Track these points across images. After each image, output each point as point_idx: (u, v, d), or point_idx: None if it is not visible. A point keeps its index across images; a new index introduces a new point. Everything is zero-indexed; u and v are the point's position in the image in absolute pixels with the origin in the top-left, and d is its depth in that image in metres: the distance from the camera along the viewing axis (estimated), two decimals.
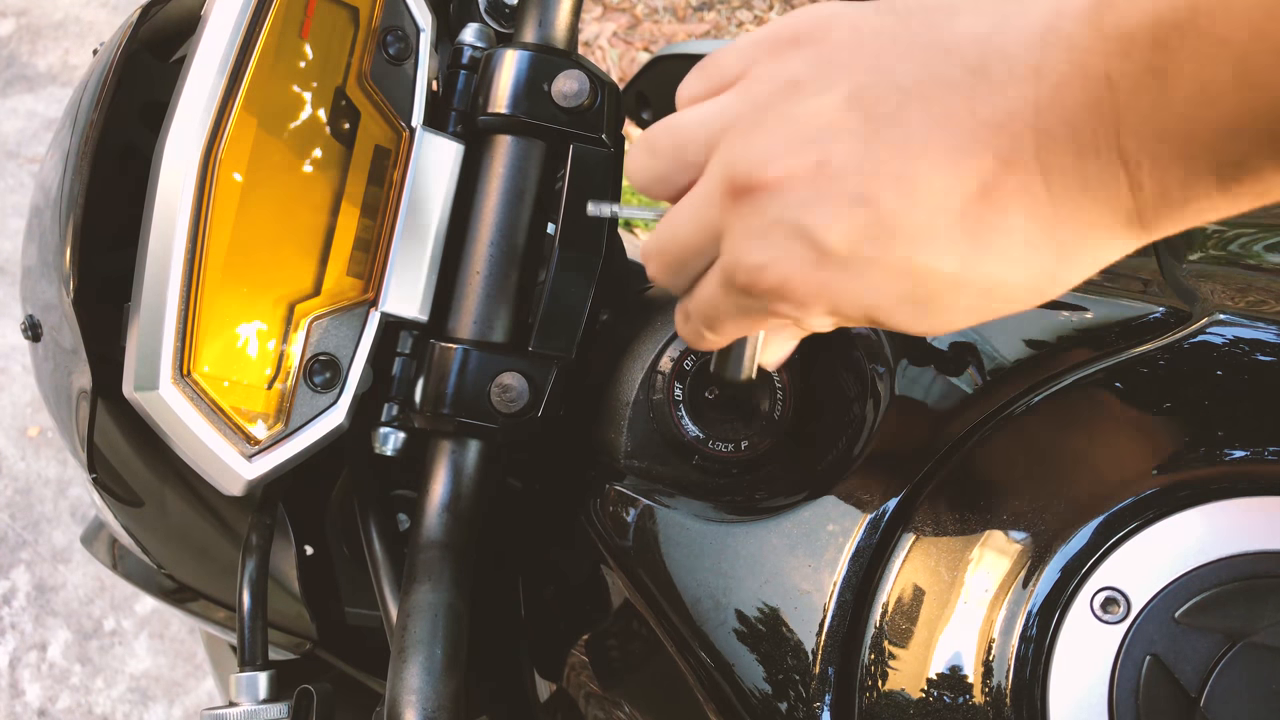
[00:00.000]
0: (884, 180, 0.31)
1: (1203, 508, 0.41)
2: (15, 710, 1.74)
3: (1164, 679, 0.38)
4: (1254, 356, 0.47)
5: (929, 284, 0.33)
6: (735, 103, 0.35)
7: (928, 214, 0.31)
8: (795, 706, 0.44)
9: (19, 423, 2.12)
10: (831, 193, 0.32)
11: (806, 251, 0.33)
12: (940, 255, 0.32)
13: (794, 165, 0.32)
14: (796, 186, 0.32)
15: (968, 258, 0.32)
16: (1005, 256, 0.32)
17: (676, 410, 0.52)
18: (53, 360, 0.62)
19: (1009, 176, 0.30)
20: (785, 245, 0.33)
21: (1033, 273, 0.32)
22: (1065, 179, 0.30)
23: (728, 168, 0.34)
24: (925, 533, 0.44)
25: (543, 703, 0.63)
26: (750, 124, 0.34)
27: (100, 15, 3.10)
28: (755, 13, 2.98)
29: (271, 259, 0.49)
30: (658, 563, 0.49)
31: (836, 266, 0.33)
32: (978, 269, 0.32)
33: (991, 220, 0.31)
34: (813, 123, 0.32)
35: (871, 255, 0.32)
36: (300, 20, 0.49)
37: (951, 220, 0.31)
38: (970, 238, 0.31)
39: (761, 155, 0.33)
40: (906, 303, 0.33)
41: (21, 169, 2.63)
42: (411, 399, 0.53)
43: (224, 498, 0.52)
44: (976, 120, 0.30)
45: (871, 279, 0.33)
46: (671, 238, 0.38)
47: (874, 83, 0.32)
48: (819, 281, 0.33)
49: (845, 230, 0.32)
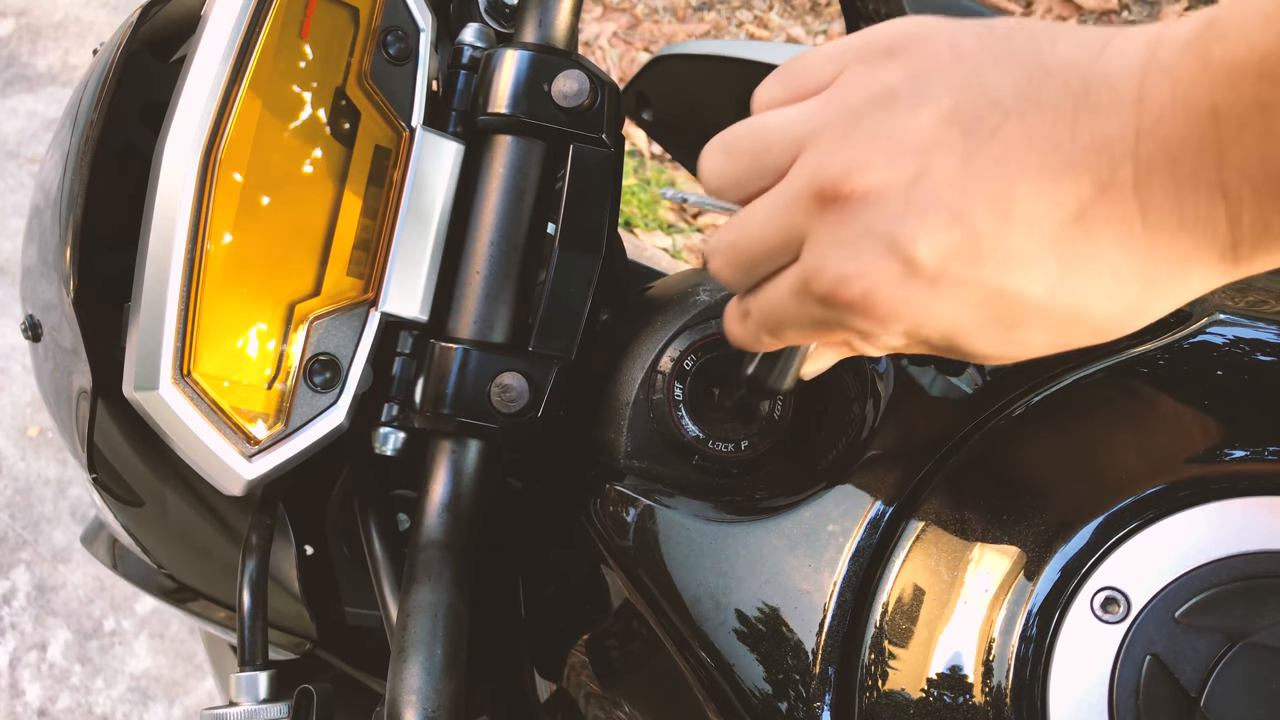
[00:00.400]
0: (981, 199, 0.31)
1: (1203, 508, 0.41)
2: (15, 710, 1.74)
3: (1164, 679, 0.38)
4: (1254, 356, 0.47)
5: (1015, 308, 0.32)
6: (826, 108, 0.34)
7: (1022, 236, 0.31)
8: (795, 706, 0.44)
9: (19, 423, 2.12)
10: (926, 207, 0.31)
11: (895, 266, 0.32)
12: (1030, 279, 0.31)
13: (889, 176, 0.32)
14: (890, 198, 0.32)
15: (1057, 283, 0.31)
16: (1094, 285, 0.31)
17: (676, 410, 0.52)
18: (53, 360, 0.62)
19: (1105, 204, 0.30)
20: (873, 258, 0.32)
21: (1119, 303, 0.32)
22: (1162, 210, 0.29)
23: (817, 173, 0.33)
24: (925, 533, 0.44)
25: (543, 703, 0.63)
26: (843, 130, 0.33)
27: (100, 15, 3.10)
28: (755, 12, 2.98)
29: (271, 259, 0.49)
30: (658, 563, 0.49)
31: (924, 283, 0.32)
32: (1065, 296, 0.31)
33: (1084, 247, 0.31)
34: (910, 135, 0.32)
35: (961, 274, 0.32)
36: (300, 20, 0.49)
37: (1045, 244, 0.31)
38: (1062, 263, 0.31)
39: (855, 163, 0.33)
40: (989, 326, 0.33)
41: (21, 169, 2.63)
42: (411, 399, 0.53)
43: (224, 498, 0.52)
44: (1076, 145, 0.30)
45: (958, 299, 0.32)
46: (746, 236, 0.37)
47: (974, 99, 0.31)
48: (904, 298, 0.33)
49: (937, 247, 0.31)
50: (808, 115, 0.35)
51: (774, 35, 2.93)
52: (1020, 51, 0.31)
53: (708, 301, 0.53)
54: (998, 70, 0.31)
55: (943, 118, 0.32)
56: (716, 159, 0.38)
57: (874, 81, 0.33)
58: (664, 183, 2.57)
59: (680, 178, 2.57)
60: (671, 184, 2.57)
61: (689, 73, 0.84)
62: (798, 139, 0.35)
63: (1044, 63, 0.31)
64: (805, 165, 0.34)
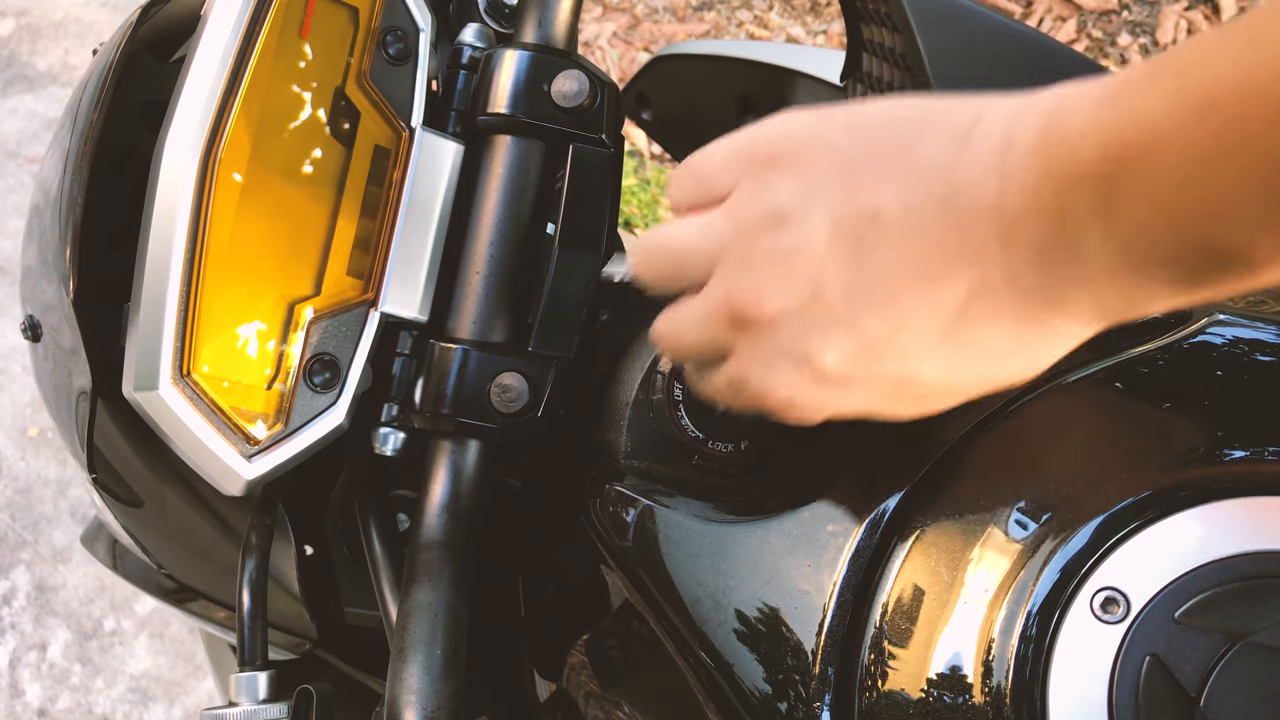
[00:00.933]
0: (870, 310, 0.34)
1: (1203, 508, 0.41)
2: (15, 710, 1.74)
3: (1164, 679, 0.38)
4: (1254, 356, 0.47)
5: (917, 390, 0.36)
6: (724, 228, 0.38)
7: (911, 335, 0.34)
8: (795, 706, 0.44)
9: (19, 423, 2.12)
10: (824, 322, 0.35)
11: (806, 374, 0.36)
12: (926, 368, 0.35)
13: (788, 301, 0.36)
14: (792, 319, 0.36)
15: (950, 367, 0.35)
16: (984, 363, 0.35)
17: (676, 410, 0.52)
18: (53, 360, 0.62)
19: (982, 299, 0.33)
20: (788, 371, 0.37)
21: (1010, 369, 0.35)
22: (1033, 298, 0.32)
23: (727, 297, 0.37)
24: (925, 533, 0.44)
25: (543, 703, 0.63)
26: (742, 256, 0.37)
27: (100, 15, 3.11)
28: (755, 12, 2.98)
29: (271, 259, 0.49)
30: (658, 563, 0.49)
31: (834, 384, 0.36)
32: (961, 375, 0.35)
33: (970, 335, 0.34)
34: (801, 258, 0.35)
35: (864, 373, 0.36)
36: (300, 20, 0.49)
37: (933, 338, 0.34)
38: (952, 351, 0.34)
39: (757, 293, 0.36)
40: (900, 404, 0.37)
41: (21, 169, 2.63)
42: (411, 399, 0.53)
43: (224, 498, 0.52)
44: (947, 252, 0.32)
45: (866, 391, 0.37)
46: (679, 336, 0.41)
47: (853, 214, 0.34)
48: (820, 396, 0.37)
49: (839, 355, 0.35)
50: (710, 234, 0.39)
51: (774, 35, 2.93)
52: (890, 157, 0.34)
53: None
54: (871, 179, 0.34)
55: (828, 237, 0.34)
56: (642, 266, 0.42)
57: (762, 200, 0.36)
58: (664, 183, 2.57)
59: None
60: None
61: (689, 73, 0.84)
62: (707, 257, 0.39)
63: (910, 170, 0.33)
64: (717, 288, 0.38)
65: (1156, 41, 2.61)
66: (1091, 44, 2.64)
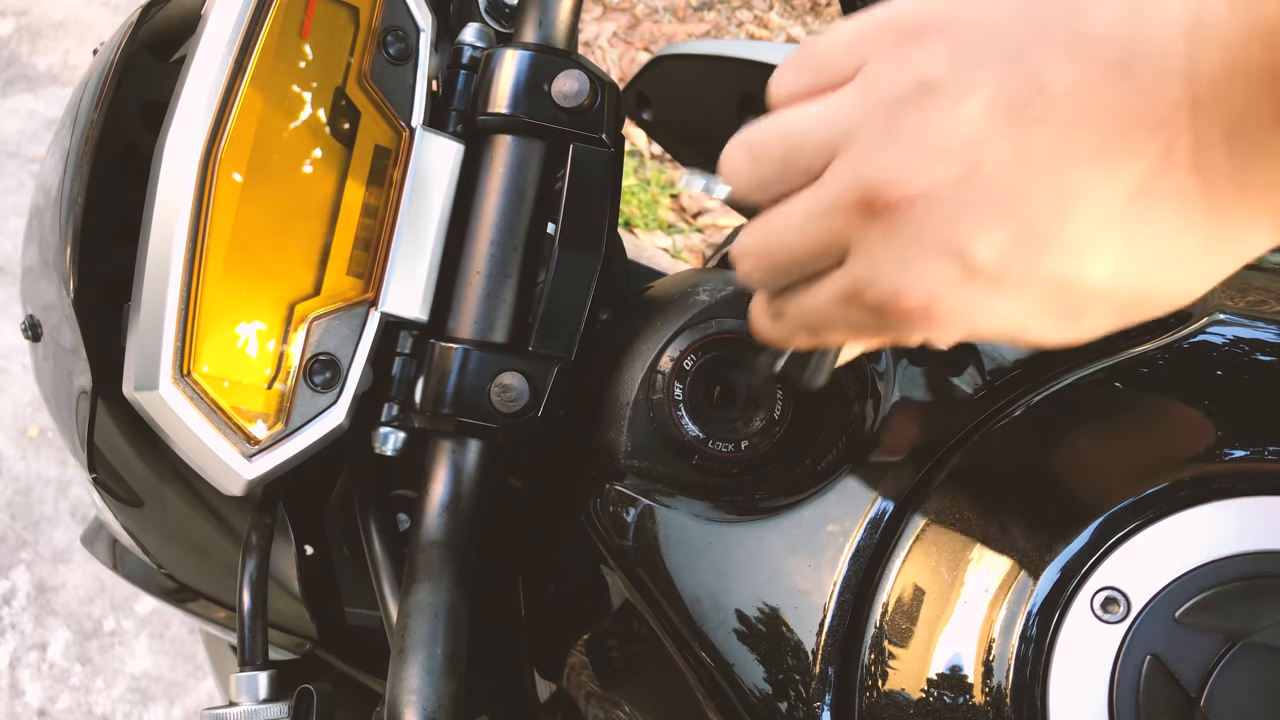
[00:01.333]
0: (1036, 190, 0.30)
1: (1203, 508, 0.41)
2: (15, 710, 1.74)
3: (1164, 679, 0.38)
4: (1254, 356, 0.47)
5: (1079, 297, 0.31)
6: (857, 104, 0.32)
7: (1081, 222, 0.30)
8: (795, 706, 0.44)
9: (19, 423, 2.12)
10: (980, 205, 0.30)
11: (954, 270, 0.31)
12: (1094, 266, 0.30)
13: (937, 177, 0.30)
14: (941, 200, 0.31)
15: (1121, 266, 0.30)
16: (1159, 261, 0.30)
17: (676, 410, 0.52)
18: (53, 360, 0.62)
19: (1164, 179, 0.29)
20: (929, 265, 0.31)
21: (1184, 275, 0.31)
22: (1223, 178, 0.28)
23: (858, 180, 0.32)
24: (925, 533, 0.44)
25: (543, 703, 0.63)
26: (881, 130, 0.32)
27: (100, 15, 3.11)
28: (755, 12, 2.98)
29: (271, 259, 0.49)
30: (658, 563, 0.49)
31: (985, 284, 0.31)
32: (1130, 277, 0.30)
33: (1146, 225, 0.29)
34: (955, 131, 0.30)
35: (1023, 269, 0.31)
36: (300, 20, 0.49)
37: (1105, 227, 0.30)
38: (1125, 244, 0.30)
39: (899, 167, 0.31)
40: (1053, 318, 0.32)
41: (21, 169, 2.63)
42: (411, 399, 0.53)
43: (224, 498, 0.52)
44: (1127, 121, 0.28)
45: (1021, 296, 0.31)
46: (780, 242, 0.35)
47: (1016, 85, 0.30)
48: (966, 302, 0.32)
49: (996, 245, 0.30)
50: (839, 113, 0.33)
51: (774, 35, 2.93)
52: (1056, 21, 0.29)
53: (708, 301, 0.53)
54: (1037, 47, 0.30)
55: (987, 109, 0.30)
56: (741, 162, 0.36)
57: (906, 72, 0.31)
58: (664, 183, 2.57)
59: (680, 177, 2.57)
60: (671, 184, 2.57)
61: (689, 73, 0.84)
62: (830, 141, 0.33)
63: (1081, 32, 0.29)
64: (844, 170, 0.33)
65: None
66: None
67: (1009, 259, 0.30)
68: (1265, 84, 0.26)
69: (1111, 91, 0.28)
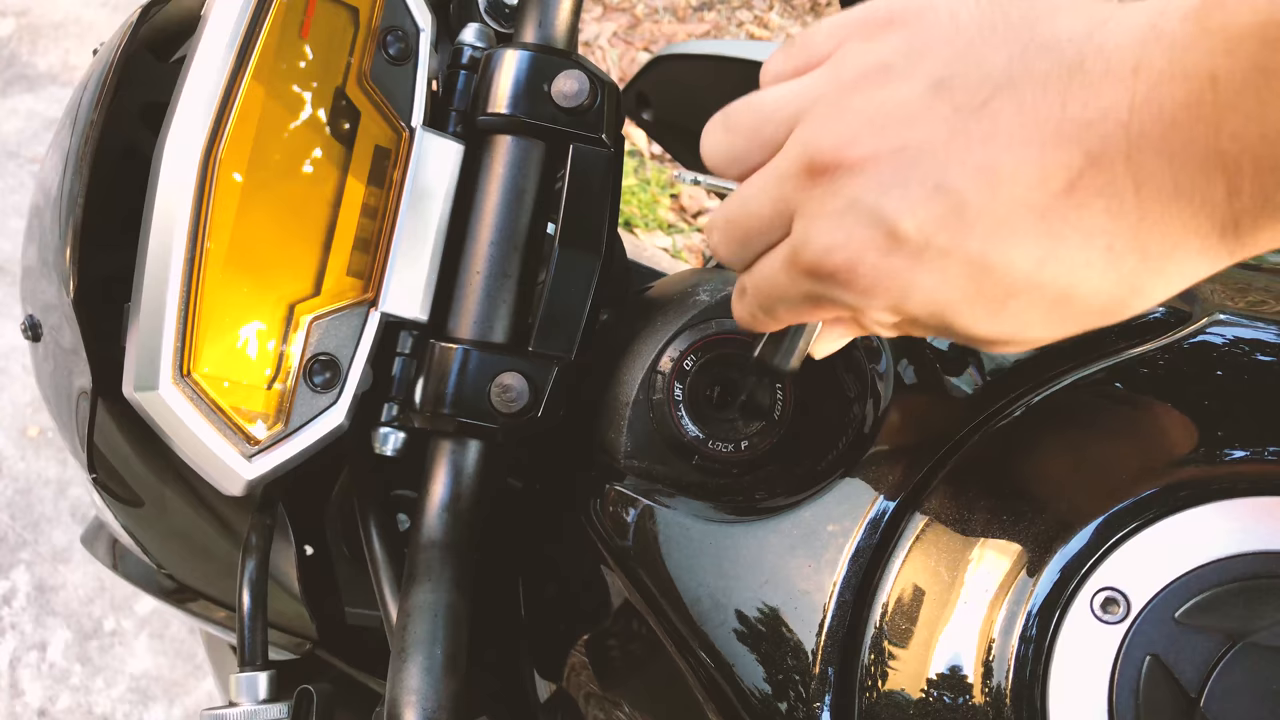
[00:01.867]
0: (966, 169, 0.31)
1: (1203, 508, 0.41)
2: (15, 710, 1.74)
3: (1164, 679, 0.38)
4: (1254, 356, 0.47)
5: (1002, 282, 0.32)
6: (820, 82, 0.35)
7: (1008, 206, 0.30)
8: (795, 706, 0.44)
9: (19, 423, 2.12)
10: (911, 178, 0.31)
11: (879, 236, 0.32)
12: (1018, 251, 0.31)
13: (876, 147, 0.32)
14: (876, 169, 0.32)
15: (1046, 256, 0.31)
16: (1085, 258, 0.31)
17: (676, 410, 0.52)
18: (53, 360, 0.62)
19: (1096, 175, 0.29)
20: (857, 228, 0.32)
21: (1112, 280, 0.31)
22: (1156, 181, 0.29)
23: (807, 145, 0.34)
24: (925, 533, 0.44)
25: (543, 703, 0.63)
26: (834, 103, 0.33)
27: (100, 15, 3.11)
28: (755, 12, 2.98)
29: (271, 259, 0.49)
30: (658, 563, 0.49)
31: (908, 255, 0.32)
32: (1055, 269, 0.31)
33: (1074, 218, 0.30)
34: (899, 107, 0.32)
35: (946, 245, 0.31)
36: (300, 20, 0.49)
37: (1032, 215, 0.30)
38: (1051, 235, 0.30)
39: (843, 135, 0.33)
40: (977, 302, 0.32)
41: (21, 169, 2.63)
42: (411, 399, 0.53)
43: (224, 498, 0.52)
44: (1067, 116, 0.29)
45: (943, 271, 0.32)
46: (741, 211, 0.37)
47: (964, 72, 0.31)
48: (888, 269, 0.32)
49: (922, 217, 0.31)
50: (805, 88, 0.35)
51: (774, 35, 2.93)
52: (1017, 24, 0.31)
53: (708, 301, 0.53)
54: (993, 43, 0.31)
55: (932, 90, 0.31)
56: (716, 134, 0.38)
57: (869, 55, 0.33)
58: (664, 183, 2.57)
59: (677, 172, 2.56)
60: (671, 184, 2.57)
61: (689, 73, 0.84)
62: (793, 114, 0.35)
63: (1040, 36, 0.30)
64: (798, 138, 0.34)
65: None
66: None
67: (932, 233, 0.31)
68: (1204, 86, 0.27)
69: (1055, 86, 0.29)
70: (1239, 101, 0.27)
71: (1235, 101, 0.27)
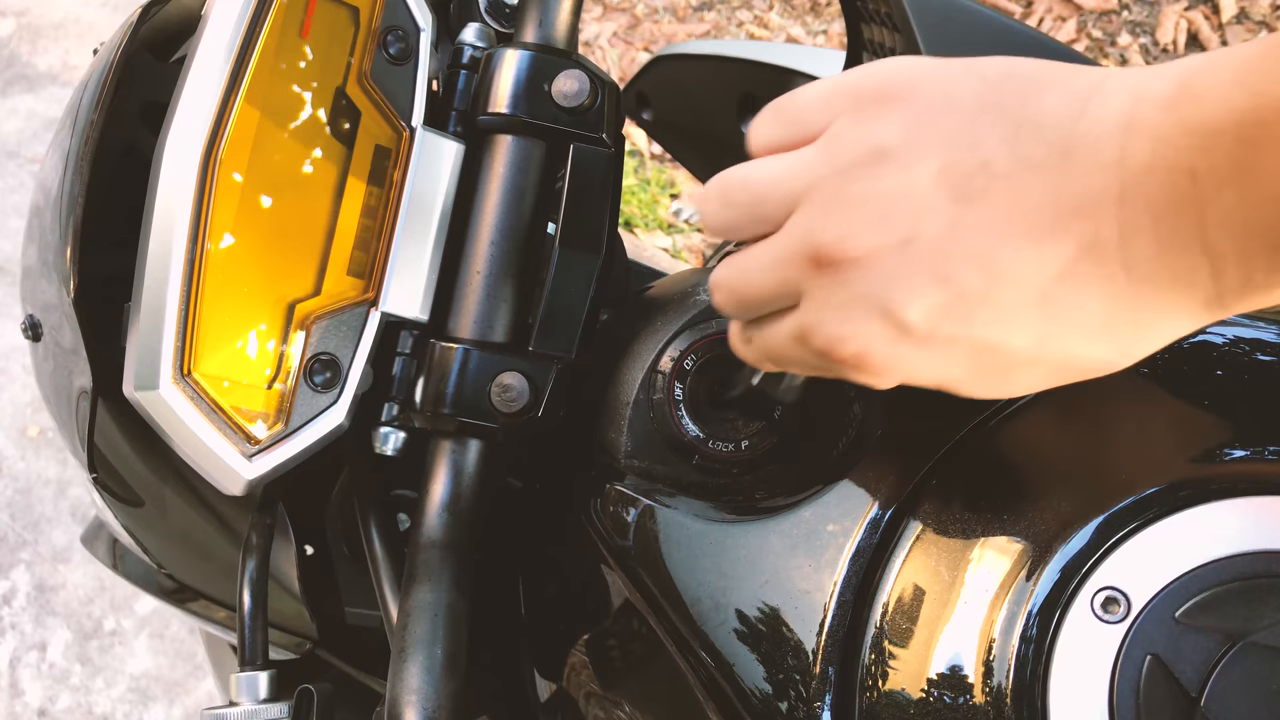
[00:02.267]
0: (968, 261, 0.32)
1: (1203, 508, 0.41)
2: (15, 710, 1.74)
3: (1164, 679, 0.38)
4: (1254, 356, 0.47)
5: (1004, 361, 0.33)
6: (817, 164, 0.35)
7: (1008, 295, 0.32)
8: (795, 706, 0.44)
9: (19, 423, 2.12)
10: (915, 271, 0.32)
11: (887, 328, 0.34)
12: (1018, 334, 0.32)
13: (879, 242, 0.33)
14: (881, 263, 0.33)
15: (1045, 337, 0.32)
16: (1081, 336, 0.32)
17: (676, 410, 0.52)
18: (53, 360, 0.62)
19: (1090, 262, 0.30)
20: (866, 320, 0.34)
21: (1107, 350, 0.33)
22: (1146, 266, 0.30)
23: (810, 235, 0.35)
24: (925, 533, 0.44)
25: (543, 703, 0.63)
26: (834, 193, 0.34)
27: (100, 15, 3.11)
28: (755, 12, 2.98)
29: (271, 259, 0.49)
30: (658, 563, 0.49)
31: (915, 342, 0.33)
32: (1053, 347, 0.33)
33: (1070, 301, 0.31)
34: (900, 200, 0.33)
35: (951, 333, 0.33)
36: (300, 20, 0.49)
37: (1031, 301, 0.32)
38: (1048, 318, 0.32)
39: (846, 230, 0.34)
40: (981, 377, 0.34)
41: (21, 169, 2.63)
42: (412, 399, 0.53)
43: (224, 498, 0.52)
44: (1060, 205, 0.30)
45: (949, 355, 0.34)
46: (745, 282, 0.39)
47: (962, 159, 0.32)
48: (897, 356, 0.34)
49: (926, 309, 0.33)
50: (800, 170, 0.36)
51: (774, 35, 2.93)
52: (1009, 105, 0.32)
53: (708, 301, 0.53)
54: (987, 125, 0.32)
55: (932, 180, 0.32)
56: (714, 206, 0.39)
57: (865, 137, 0.34)
58: (664, 183, 2.57)
59: (680, 177, 2.57)
60: (671, 184, 2.57)
61: (689, 73, 0.84)
62: (791, 195, 0.36)
63: (1031, 118, 0.31)
64: (799, 225, 0.35)
65: (1156, 41, 2.61)
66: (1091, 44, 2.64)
67: (937, 322, 0.33)
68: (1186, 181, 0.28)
69: (1048, 176, 0.31)
70: (1218, 196, 0.28)
71: (1215, 196, 0.28)
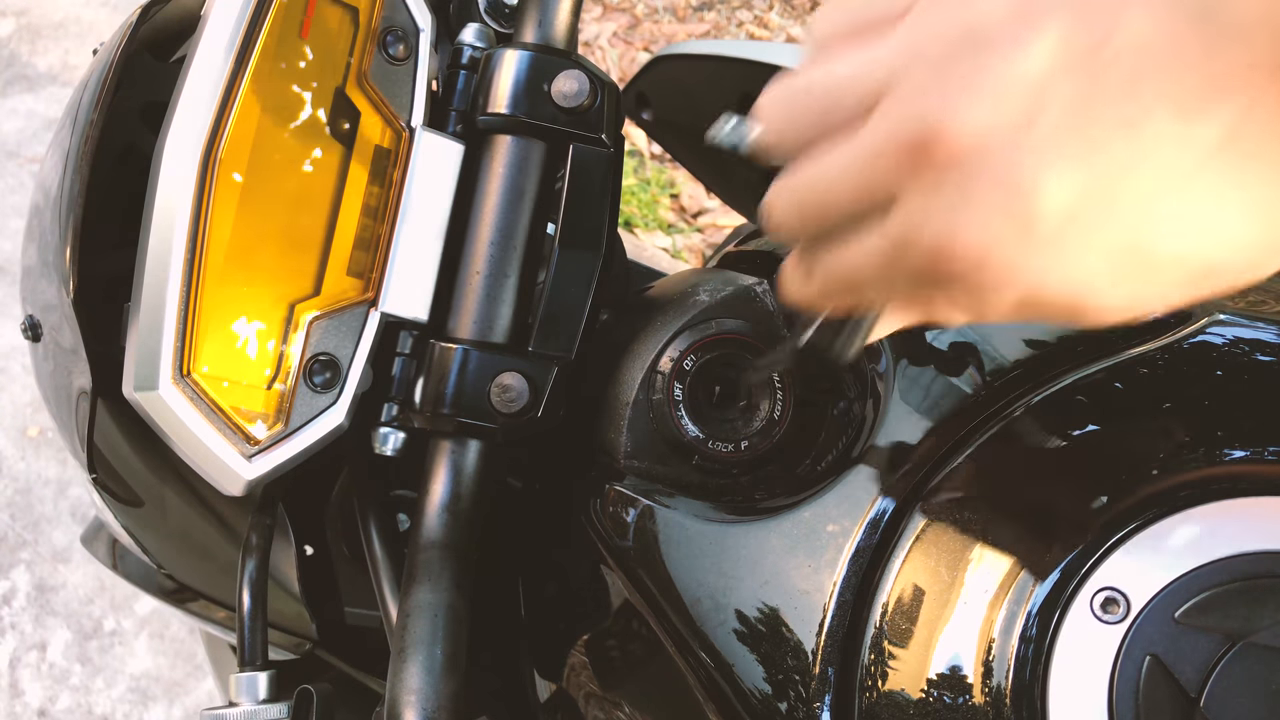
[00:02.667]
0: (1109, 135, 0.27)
1: (1203, 508, 0.41)
2: (15, 710, 1.74)
3: (1164, 679, 0.38)
4: (1254, 356, 0.47)
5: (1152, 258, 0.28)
6: (905, 49, 0.30)
7: (1160, 174, 0.27)
8: (795, 706, 0.44)
9: (19, 423, 2.12)
10: (1046, 150, 0.27)
11: (1012, 222, 0.28)
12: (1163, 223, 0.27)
13: (999, 121, 0.28)
14: (1000, 145, 0.28)
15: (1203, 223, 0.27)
16: (1243, 220, 0.27)
17: (676, 410, 0.52)
18: (53, 360, 0.62)
19: (1253, 125, 0.26)
20: (987, 216, 0.28)
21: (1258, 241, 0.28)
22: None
23: (906, 123, 0.29)
24: (925, 533, 0.44)
25: (543, 703, 0.63)
26: (933, 74, 0.29)
27: (100, 15, 3.11)
28: (755, 12, 2.98)
29: (271, 259, 0.49)
30: (657, 563, 0.49)
31: (1048, 239, 0.28)
32: (1211, 237, 0.28)
33: (1233, 178, 0.27)
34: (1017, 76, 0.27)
35: (1091, 224, 0.28)
36: (300, 20, 0.49)
37: (1188, 180, 0.27)
38: (1209, 199, 0.27)
39: (953, 110, 0.28)
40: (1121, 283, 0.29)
41: (21, 169, 2.63)
42: (411, 399, 0.53)
43: (224, 498, 0.52)
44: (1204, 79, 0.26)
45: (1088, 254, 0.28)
46: (817, 191, 0.33)
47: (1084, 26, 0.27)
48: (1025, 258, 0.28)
49: (1063, 195, 0.27)
50: (884, 61, 0.31)
51: (774, 35, 2.93)
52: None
53: (708, 301, 0.53)
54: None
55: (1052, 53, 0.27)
56: (779, 111, 0.34)
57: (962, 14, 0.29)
58: (664, 183, 2.57)
59: (680, 177, 2.57)
60: (671, 184, 2.57)
61: (689, 73, 0.83)
62: (873, 87, 0.31)
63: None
64: (890, 114, 0.30)
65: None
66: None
67: (1077, 211, 0.27)
68: None
69: (1190, 40, 0.26)
70: None
71: None
